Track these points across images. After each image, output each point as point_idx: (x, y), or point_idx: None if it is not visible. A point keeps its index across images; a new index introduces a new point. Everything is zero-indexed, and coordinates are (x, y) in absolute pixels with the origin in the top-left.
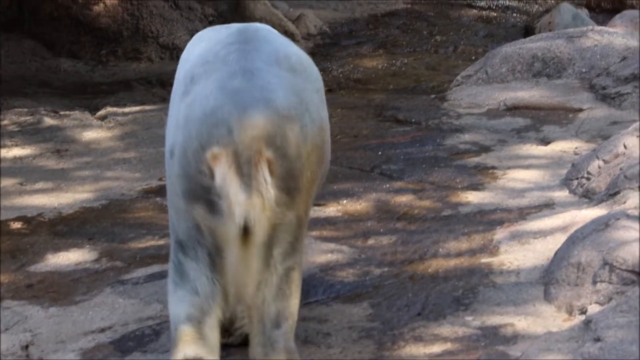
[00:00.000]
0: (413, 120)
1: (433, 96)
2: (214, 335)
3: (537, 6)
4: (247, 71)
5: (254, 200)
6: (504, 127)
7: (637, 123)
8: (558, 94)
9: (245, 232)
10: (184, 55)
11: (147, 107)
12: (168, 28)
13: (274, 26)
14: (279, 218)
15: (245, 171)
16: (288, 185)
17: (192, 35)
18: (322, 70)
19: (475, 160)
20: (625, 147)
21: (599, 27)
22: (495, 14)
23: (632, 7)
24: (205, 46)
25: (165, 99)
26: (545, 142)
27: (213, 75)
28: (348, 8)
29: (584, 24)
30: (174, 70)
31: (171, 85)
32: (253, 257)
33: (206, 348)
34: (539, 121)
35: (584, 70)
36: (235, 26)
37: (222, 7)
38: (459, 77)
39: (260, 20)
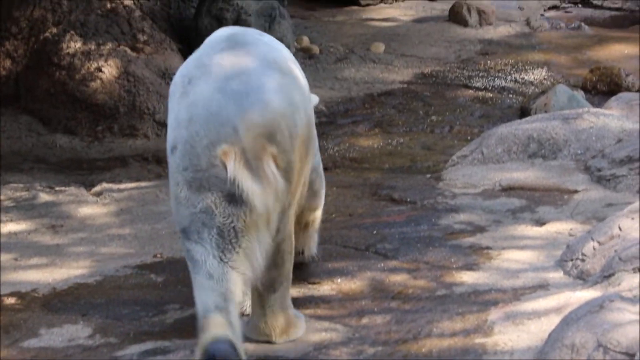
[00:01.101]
0: (408, 199)
1: (428, 176)
2: (238, 323)
3: (533, 87)
4: (243, 74)
5: (267, 191)
6: (499, 207)
7: (632, 205)
8: (553, 175)
9: (262, 217)
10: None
11: (142, 184)
12: (164, 105)
13: None
14: (283, 203)
15: (253, 165)
16: (288, 175)
17: None
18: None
19: (470, 240)
20: (620, 229)
21: (595, 109)
22: (491, 95)
23: (628, 89)
24: (199, 51)
25: (161, 176)
26: (540, 223)
27: (209, 77)
28: (344, 87)
29: (579, 105)
30: None
31: (167, 162)
32: (266, 239)
33: (235, 335)
34: (534, 202)
35: (579, 151)
36: (224, 32)
37: None
38: (454, 157)
39: None
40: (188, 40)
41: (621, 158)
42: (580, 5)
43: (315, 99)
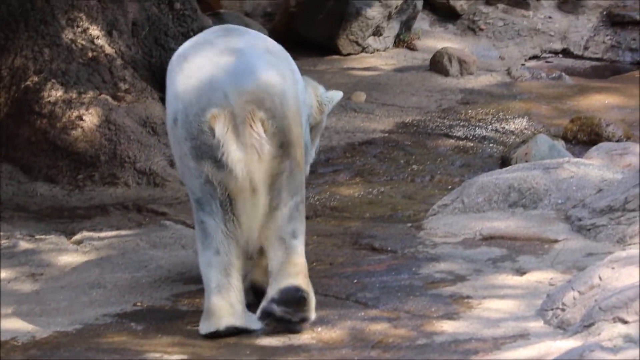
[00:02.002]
0: (389, 248)
1: (409, 225)
2: (239, 298)
3: (513, 137)
4: (233, 50)
5: (251, 156)
6: (479, 256)
7: (613, 255)
8: (534, 225)
9: (250, 183)
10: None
11: (122, 232)
12: (145, 153)
13: None
14: (276, 168)
15: (241, 130)
16: (280, 140)
17: (168, 161)
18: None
19: (450, 289)
20: (600, 278)
21: (576, 159)
22: (472, 144)
23: (609, 139)
24: (196, 36)
25: (141, 225)
26: (521, 272)
27: (204, 54)
28: (325, 137)
29: (560, 155)
30: (150, 196)
31: (148, 210)
32: (260, 204)
33: (235, 315)
34: (514, 251)
35: (560, 201)
36: (221, 25)
37: None
38: (435, 207)
39: None
40: None
41: (602, 208)
42: (561, 56)
43: (339, 95)
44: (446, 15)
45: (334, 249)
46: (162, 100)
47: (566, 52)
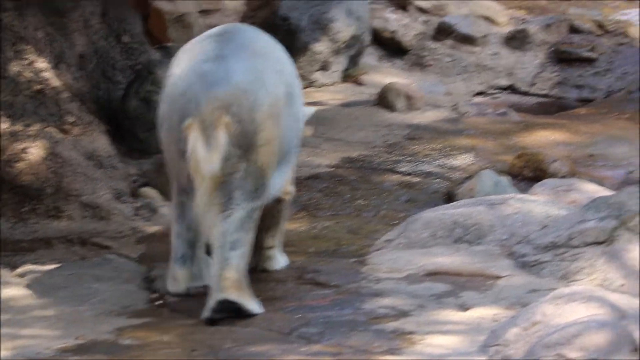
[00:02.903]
0: (333, 283)
1: (353, 260)
2: (200, 265)
3: (459, 172)
4: (218, 57)
5: (213, 155)
6: (423, 292)
7: (556, 291)
8: (478, 261)
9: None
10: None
11: (66, 266)
12: (91, 187)
13: None
14: (231, 168)
15: (207, 133)
16: (241, 142)
17: (114, 194)
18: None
19: (394, 324)
20: (543, 315)
21: (520, 195)
22: (417, 180)
23: (554, 175)
24: (195, 38)
25: (85, 258)
26: (465, 308)
27: (190, 61)
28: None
29: (505, 191)
30: (95, 229)
31: (92, 244)
32: (208, 198)
33: (195, 279)
34: (458, 287)
35: (504, 237)
36: (223, 25)
37: (145, 166)
38: (379, 242)
39: None
40: (116, 122)
41: (546, 244)
42: (507, 92)
43: (310, 110)
44: (393, 50)
45: (278, 283)
46: (109, 133)
47: (513, 89)
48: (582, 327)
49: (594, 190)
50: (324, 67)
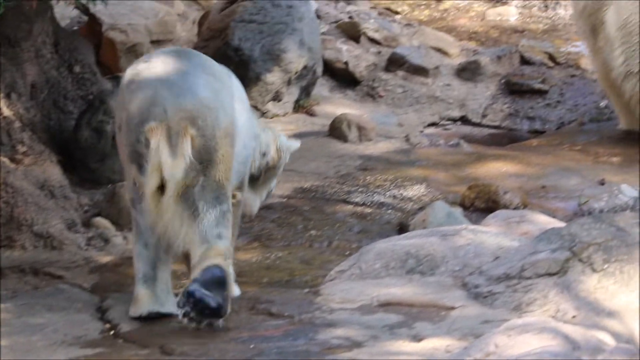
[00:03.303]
0: (286, 313)
1: (306, 290)
2: (163, 287)
3: (411, 203)
4: (180, 71)
5: (178, 163)
6: (376, 322)
7: (509, 322)
8: (431, 291)
9: (162, 186)
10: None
11: (19, 296)
12: (43, 216)
13: None
14: (190, 180)
15: (173, 141)
16: (202, 157)
17: (66, 224)
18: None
19: (347, 355)
20: (496, 346)
21: (473, 226)
22: (370, 210)
23: (506, 206)
24: (150, 55)
25: (37, 287)
26: (417, 339)
27: (154, 72)
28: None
29: (457, 222)
30: (47, 259)
31: (45, 274)
32: (173, 207)
33: (158, 303)
34: (411, 318)
35: (457, 268)
36: (172, 47)
37: (97, 196)
38: (332, 272)
39: None
40: (68, 152)
41: (498, 275)
42: (459, 123)
43: (296, 144)
44: (346, 81)
45: (231, 313)
46: (61, 162)
47: (464, 120)
48: (535, 359)
49: (546, 221)
50: (276, 98)
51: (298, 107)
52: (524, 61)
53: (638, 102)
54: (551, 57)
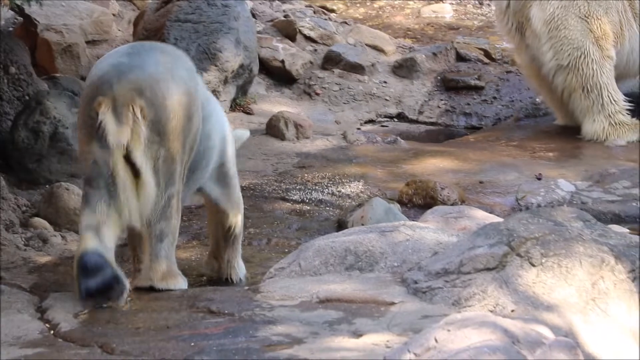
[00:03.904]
0: (226, 311)
1: (246, 288)
2: (109, 239)
3: (349, 200)
4: (131, 54)
5: (124, 130)
6: (316, 319)
7: (448, 317)
8: (370, 287)
9: (127, 160)
10: None
11: None
12: None
13: None
14: (154, 153)
15: (119, 111)
16: (157, 128)
17: (4, 225)
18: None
19: (287, 351)
20: (436, 340)
21: (411, 222)
22: (308, 208)
23: (444, 202)
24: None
25: None
26: (357, 334)
27: (109, 59)
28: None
29: (396, 218)
30: None
31: None
32: (146, 183)
33: (102, 245)
34: (351, 314)
35: (395, 264)
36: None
37: (35, 197)
38: (272, 270)
39: (74, 210)
40: (5, 153)
41: (437, 270)
42: (396, 120)
43: (246, 134)
44: (282, 79)
45: (171, 312)
46: None
47: (401, 117)
48: (475, 352)
49: (484, 217)
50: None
51: (235, 105)
52: (460, 58)
53: (569, 95)
54: (486, 54)
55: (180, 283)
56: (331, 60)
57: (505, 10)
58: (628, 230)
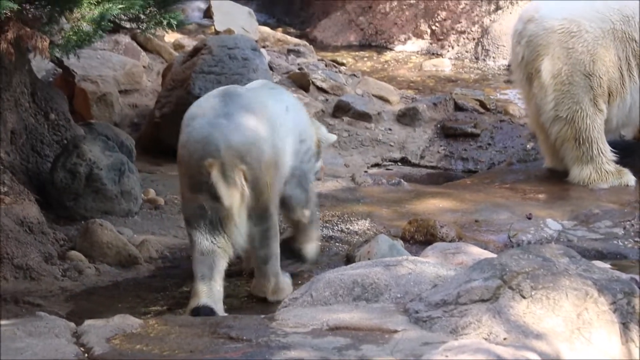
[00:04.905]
0: (244, 337)
1: (263, 316)
2: (218, 288)
3: (357, 237)
4: (227, 114)
5: (233, 194)
6: (326, 345)
7: (446, 344)
8: (375, 317)
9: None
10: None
11: (1, 323)
12: (22, 250)
13: (118, 250)
14: (250, 205)
15: (227, 174)
16: (254, 186)
17: (43, 257)
18: (162, 290)
19: None
20: None
21: (413, 257)
22: (320, 243)
23: (443, 239)
24: (202, 98)
25: (18, 315)
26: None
27: (205, 116)
28: (186, 235)
29: (399, 254)
30: (27, 289)
31: (24, 302)
32: (241, 225)
33: (213, 299)
34: (358, 340)
35: (399, 295)
36: (221, 88)
37: (72, 232)
38: (286, 300)
39: (107, 244)
40: (44, 192)
41: (436, 301)
42: (399, 164)
43: (333, 138)
44: None
45: (194, 337)
46: (38, 202)
47: (404, 161)
48: None
49: (479, 252)
50: None
51: None
52: (458, 107)
53: (562, 144)
54: (482, 104)
55: (286, 291)
56: (341, 109)
57: (520, 60)
58: (610, 266)
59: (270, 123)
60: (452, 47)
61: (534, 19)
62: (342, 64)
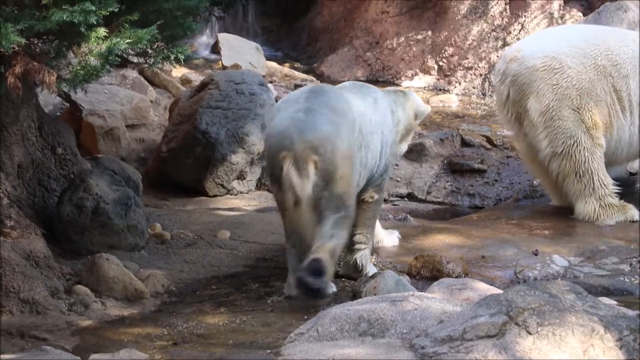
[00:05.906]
0: None
1: (269, 351)
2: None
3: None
4: (307, 110)
5: (304, 183)
6: None
7: None
8: (381, 352)
9: (296, 201)
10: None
11: (6, 357)
12: (28, 284)
13: (124, 285)
14: (318, 194)
15: (300, 166)
16: (324, 176)
17: (50, 291)
18: (168, 325)
19: None
20: None
21: (419, 293)
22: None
23: (449, 275)
24: (293, 93)
25: (24, 349)
26: None
27: (288, 111)
28: (193, 270)
29: (405, 289)
30: (33, 323)
31: (30, 336)
32: (305, 216)
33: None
34: None
35: (405, 331)
36: (310, 86)
37: (78, 266)
38: (292, 335)
39: (113, 279)
40: (51, 226)
41: (442, 337)
42: (406, 199)
43: (427, 110)
44: None
45: None
46: (45, 236)
47: (411, 196)
48: None
49: (485, 288)
50: (241, 177)
51: (260, 185)
52: (465, 144)
53: (563, 179)
54: (489, 140)
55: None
56: None
57: (505, 101)
58: (616, 303)
59: (351, 120)
60: (459, 83)
61: (516, 59)
62: None
